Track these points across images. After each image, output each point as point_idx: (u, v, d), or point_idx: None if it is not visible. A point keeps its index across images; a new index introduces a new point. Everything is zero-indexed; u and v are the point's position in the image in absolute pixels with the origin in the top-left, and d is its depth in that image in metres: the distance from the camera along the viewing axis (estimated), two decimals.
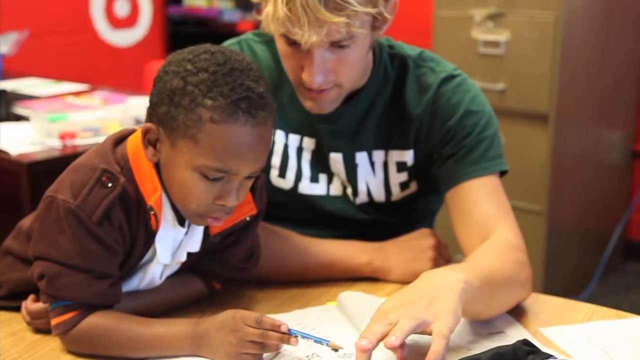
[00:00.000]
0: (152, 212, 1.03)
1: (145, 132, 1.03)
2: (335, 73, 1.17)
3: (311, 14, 1.07)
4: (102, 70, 4.18)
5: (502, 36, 2.83)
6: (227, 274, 1.21)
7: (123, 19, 4.33)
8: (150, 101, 1.03)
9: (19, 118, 2.40)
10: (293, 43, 1.15)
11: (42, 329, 1.10)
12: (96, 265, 1.02)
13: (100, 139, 2.18)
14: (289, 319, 1.14)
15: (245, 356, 0.99)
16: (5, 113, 2.38)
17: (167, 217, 1.06)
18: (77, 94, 2.79)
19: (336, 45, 1.14)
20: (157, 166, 1.05)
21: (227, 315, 1.01)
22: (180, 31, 4.46)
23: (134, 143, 1.06)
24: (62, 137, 2.11)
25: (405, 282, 1.29)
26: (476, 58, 2.87)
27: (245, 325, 0.99)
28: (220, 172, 0.99)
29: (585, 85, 2.94)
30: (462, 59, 1.35)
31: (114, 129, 2.20)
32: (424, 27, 3.25)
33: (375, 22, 1.16)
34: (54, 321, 1.04)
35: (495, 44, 2.84)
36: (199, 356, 1.02)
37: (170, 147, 1.00)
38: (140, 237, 1.06)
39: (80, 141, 2.13)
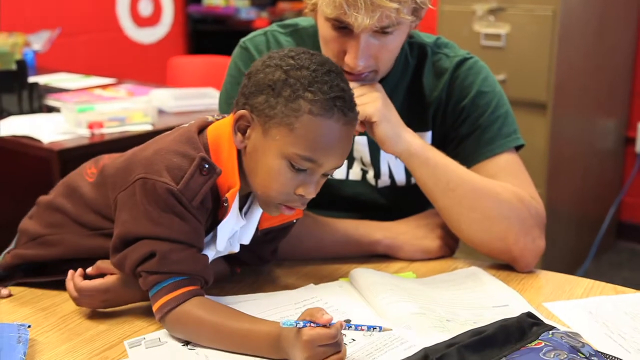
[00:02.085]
0: (226, 204, 1.01)
1: (238, 119, 1.00)
2: (376, 58, 1.17)
3: None
4: (128, 65, 4.18)
5: (502, 29, 2.80)
6: (253, 262, 1.19)
7: (147, 18, 4.31)
8: (244, 92, 1.01)
9: (50, 109, 2.40)
10: (340, 27, 1.14)
11: (83, 307, 1.07)
12: (199, 242, 1.01)
13: (126, 128, 2.18)
14: (305, 292, 1.13)
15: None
16: (38, 105, 2.38)
17: (233, 209, 1.04)
18: (104, 86, 2.78)
19: (381, 31, 1.13)
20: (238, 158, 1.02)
21: (303, 333, 0.89)
22: (200, 28, 4.42)
23: (214, 134, 1.04)
24: (90, 126, 2.10)
25: (414, 259, 1.28)
26: (478, 50, 2.83)
27: (319, 334, 0.88)
28: (309, 161, 0.98)
29: (581, 75, 2.91)
30: None
31: (138, 118, 2.19)
32: (429, 21, 3.21)
33: (416, 12, 1.16)
34: (161, 301, 0.98)
35: (496, 36, 2.81)
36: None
37: (262, 134, 0.99)
38: (207, 224, 1.04)
39: (107, 130, 2.12)
